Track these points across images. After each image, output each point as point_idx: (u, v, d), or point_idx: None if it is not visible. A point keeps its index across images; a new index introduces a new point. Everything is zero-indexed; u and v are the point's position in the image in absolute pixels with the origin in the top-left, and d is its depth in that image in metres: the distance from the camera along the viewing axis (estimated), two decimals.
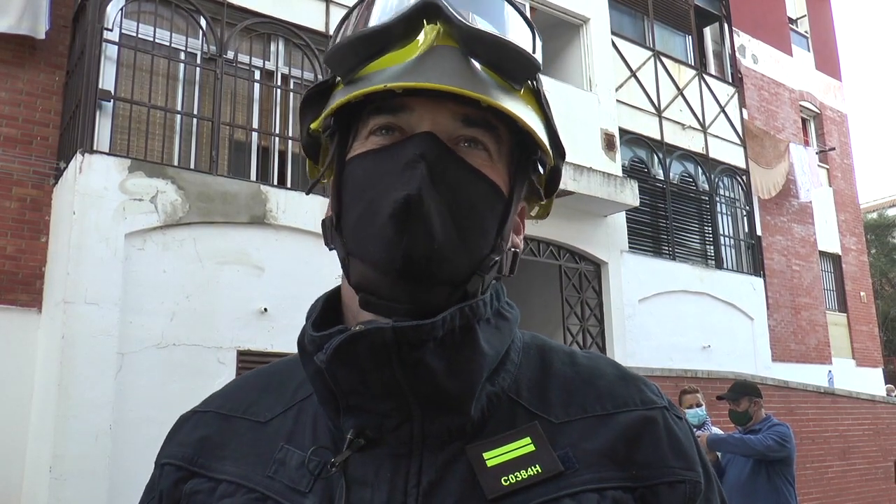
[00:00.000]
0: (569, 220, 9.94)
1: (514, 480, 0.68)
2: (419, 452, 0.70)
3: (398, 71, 0.71)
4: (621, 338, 10.21)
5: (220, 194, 6.90)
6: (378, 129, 0.74)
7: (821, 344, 14.86)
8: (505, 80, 0.74)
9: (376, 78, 0.72)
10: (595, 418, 0.74)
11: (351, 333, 0.68)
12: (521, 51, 0.74)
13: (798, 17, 17.61)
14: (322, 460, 0.71)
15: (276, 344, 6.71)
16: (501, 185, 0.75)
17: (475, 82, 0.71)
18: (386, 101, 0.73)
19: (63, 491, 5.69)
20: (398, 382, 0.69)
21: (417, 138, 0.71)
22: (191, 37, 7.38)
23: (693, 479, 0.73)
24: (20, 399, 6.47)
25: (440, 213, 0.69)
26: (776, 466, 4.86)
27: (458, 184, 0.72)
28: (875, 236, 29.11)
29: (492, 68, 0.73)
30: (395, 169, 0.70)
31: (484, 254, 0.74)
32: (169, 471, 0.81)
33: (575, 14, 10.86)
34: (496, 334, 0.74)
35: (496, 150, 0.75)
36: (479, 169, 0.73)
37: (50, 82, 7.34)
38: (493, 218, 0.75)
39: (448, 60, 0.72)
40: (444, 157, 0.71)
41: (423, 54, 0.72)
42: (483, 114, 0.73)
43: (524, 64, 0.74)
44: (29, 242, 6.93)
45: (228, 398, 0.85)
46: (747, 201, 13.01)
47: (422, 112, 0.72)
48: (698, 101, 12.54)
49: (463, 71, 0.71)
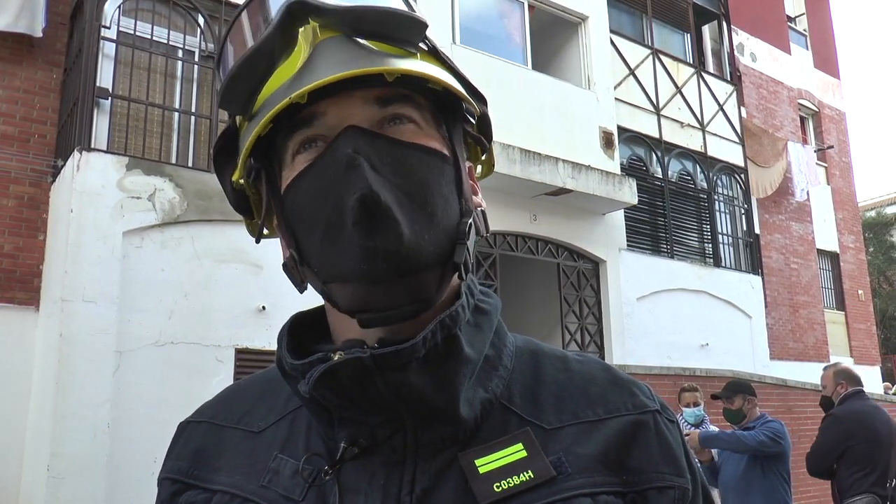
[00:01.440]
0: (567, 218, 9.95)
1: (507, 486, 0.68)
2: (412, 460, 0.70)
3: (292, 82, 0.68)
4: (619, 336, 10.21)
5: (218, 192, 6.88)
6: (300, 148, 0.71)
7: (819, 342, 14.87)
8: (399, 48, 0.71)
9: (274, 99, 0.69)
10: (587, 423, 0.74)
11: (329, 366, 0.67)
12: (402, 12, 0.71)
13: (797, 15, 17.60)
14: (315, 468, 0.71)
15: (274, 342, 6.64)
16: (441, 148, 0.73)
17: (371, 59, 0.69)
18: (296, 118, 0.70)
19: (61, 489, 5.68)
20: (387, 400, 0.68)
21: (343, 136, 0.68)
22: (189, 34, 7.37)
23: (682, 485, 0.73)
24: (18, 397, 6.46)
25: (398, 200, 0.67)
26: (771, 463, 4.85)
27: (402, 163, 0.69)
28: (873, 234, 29.13)
29: (381, 40, 0.71)
30: (336, 176, 0.67)
31: (455, 221, 0.72)
32: (166, 485, 0.81)
33: (573, 12, 10.85)
34: (477, 334, 0.74)
35: (420, 117, 0.73)
36: (413, 141, 0.71)
37: (47, 80, 7.32)
38: (448, 184, 0.72)
39: (336, 51, 0.69)
40: (375, 143, 0.68)
41: (309, 56, 0.69)
42: (394, 89, 0.71)
43: (410, 24, 0.72)
44: (27, 240, 6.92)
45: (222, 408, 0.84)
46: (746, 199, 13.02)
47: (335, 111, 0.70)
48: (697, 100, 12.54)
49: (354, 53, 0.69)
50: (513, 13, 10.35)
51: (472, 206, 0.75)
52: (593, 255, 10.34)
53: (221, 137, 0.77)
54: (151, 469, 5.70)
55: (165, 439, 0.88)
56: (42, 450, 5.93)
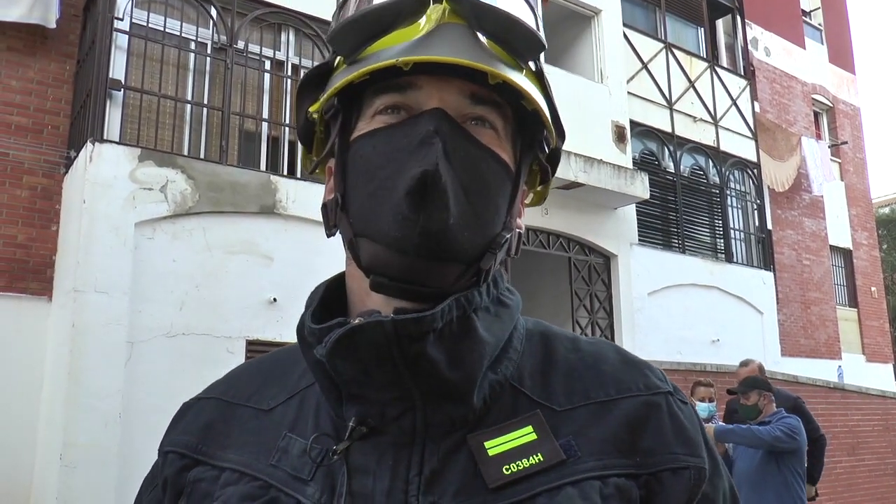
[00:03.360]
0: (579, 212, 9.92)
1: (516, 469, 0.68)
2: (421, 441, 0.70)
3: (404, 48, 0.70)
4: (630, 331, 10.19)
5: (229, 184, 6.91)
6: (385, 109, 0.73)
7: (831, 339, 14.79)
8: (512, 57, 0.73)
9: (382, 56, 0.71)
10: (598, 404, 0.73)
11: (350, 328, 0.67)
12: (529, 27, 0.73)
13: (812, 9, 17.46)
14: (324, 448, 0.71)
15: (285, 334, 6.72)
16: (509, 162, 0.75)
17: (484, 57, 0.70)
18: (392, 79, 0.72)
19: (73, 478, 5.73)
20: (400, 374, 0.68)
21: (429, 114, 0.70)
22: (201, 26, 7.38)
23: (697, 464, 0.72)
24: (31, 387, 6.51)
25: (455, 189, 0.68)
26: (786, 459, 4.81)
27: (472, 161, 0.71)
28: (887, 231, 28.95)
29: (500, 44, 0.72)
30: (408, 146, 0.69)
31: (496, 231, 0.74)
32: (173, 459, 0.81)
33: (587, 5, 10.81)
34: (496, 322, 0.74)
35: (503, 128, 0.74)
36: (489, 147, 0.73)
37: (61, 71, 7.36)
38: (503, 196, 0.74)
39: (456, 37, 0.71)
40: (456, 133, 0.70)
41: (430, 31, 0.71)
42: (490, 92, 0.72)
43: (532, 41, 0.73)
44: (39, 231, 6.96)
45: (232, 385, 0.84)
46: (758, 195, 12.94)
47: (430, 90, 0.71)
48: (710, 94, 12.47)
49: (472, 46, 0.71)
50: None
51: (514, 225, 0.78)
52: (605, 249, 10.31)
53: (317, 68, 0.79)
54: None
55: None
56: (54, 439, 5.97)
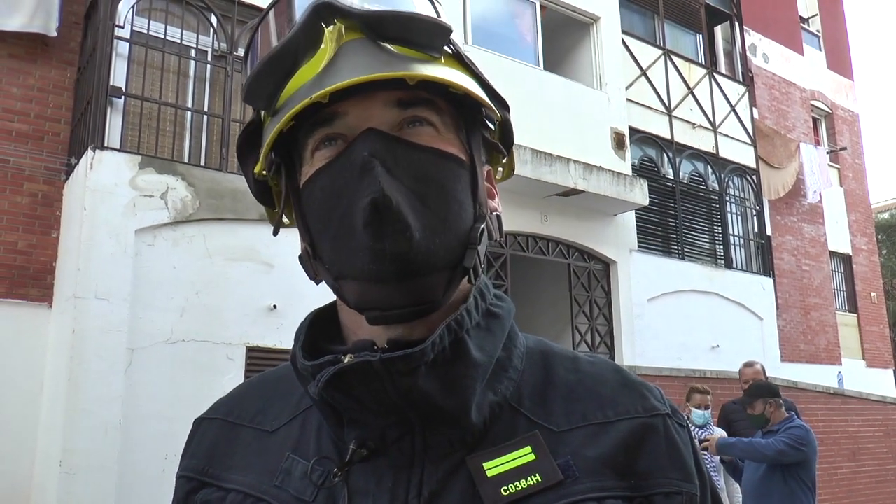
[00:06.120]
0: (578, 218, 9.93)
1: (514, 490, 0.68)
2: (420, 463, 0.70)
3: (315, 80, 0.69)
4: (630, 337, 10.19)
5: (229, 191, 6.92)
6: (320, 144, 0.72)
7: (830, 345, 14.78)
8: (422, 52, 0.72)
9: (297, 97, 0.70)
10: (596, 426, 0.73)
11: (339, 368, 0.67)
12: (427, 18, 0.72)
13: (810, 15, 17.50)
14: (325, 470, 0.72)
15: (285, 341, 6.72)
16: (458, 152, 0.74)
17: (394, 63, 0.70)
18: (317, 116, 0.71)
19: (73, 485, 5.73)
20: (395, 402, 0.69)
21: (361, 138, 0.69)
22: (202, 34, 7.41)
23: (690, 490, 0.73)
24: (30, 393, 6.51)
25: (411, 203, 0.68)
26: (792, 469, 4.68)
27: (417, 167, 0.70)
28: (886, 236, 28.92)
29: (405, 45, 0.72)
30: (351, 177, 0.68)
31: (468, 226, 0.73)
32: (182, 483, 0.82)
33: (585, 12, 10.83)
34: (488, 337, 0.74)
35: (440, 121, 0.73)
36: (430, 145, 0.72)
37: (61, 79, 7.38)
38: (463, 188, 0.73)
39: (361, 52, 0.70)
40: (392, 146, 0.69)
41: (333, 56, 0.70)
42: (415, 93, 0.71)
43: (434, 30, 0.73)
44: (40, 238, 6.97)
45: (235, 405, 0.85)
46: (757, 201, 12.95)
47: (356, 112, 0.71)
48: (708, 101, 12.49)
49: (378, 56, 0.70)
50: (524, 13, 10.35)
51: (486, 211, 0.76)
52: (604, 255, 10.32)
53: (246, 129, 0.78)
54: (162, 465, 5.74)
55: (176, 436, 0.89)
56: (54, 445, 5.97)
